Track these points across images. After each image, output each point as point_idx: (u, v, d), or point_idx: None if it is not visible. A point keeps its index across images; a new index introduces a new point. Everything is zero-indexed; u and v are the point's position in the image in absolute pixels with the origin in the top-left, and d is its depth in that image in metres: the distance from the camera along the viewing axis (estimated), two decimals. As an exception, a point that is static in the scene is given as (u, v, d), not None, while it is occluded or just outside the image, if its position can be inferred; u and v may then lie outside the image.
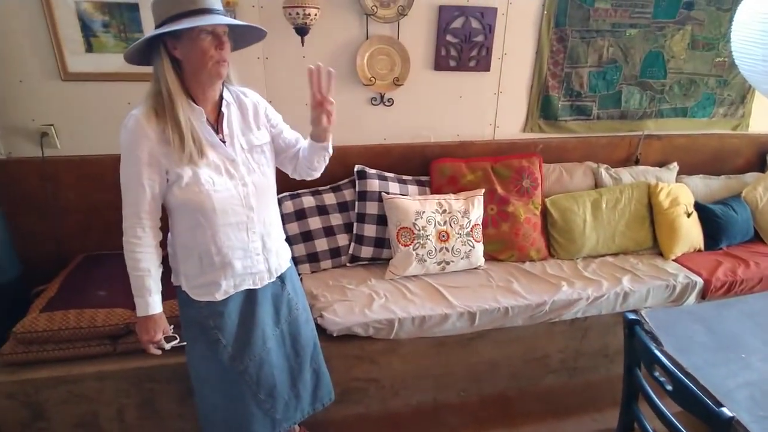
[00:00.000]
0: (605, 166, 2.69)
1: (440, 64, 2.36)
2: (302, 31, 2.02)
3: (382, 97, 2.37)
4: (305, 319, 1.63)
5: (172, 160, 1.26)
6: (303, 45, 2.09)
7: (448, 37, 2.31)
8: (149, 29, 1.98)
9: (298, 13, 1.94)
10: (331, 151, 1.48)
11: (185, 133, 1.23)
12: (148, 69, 1.28)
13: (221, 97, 1.35)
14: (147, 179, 1.26)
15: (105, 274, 2.04)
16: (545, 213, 2.49)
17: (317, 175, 1.55)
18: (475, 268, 2.29)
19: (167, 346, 1.42)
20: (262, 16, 2.09)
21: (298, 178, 1.58)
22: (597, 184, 2.65)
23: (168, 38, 1.21)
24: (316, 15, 1.98)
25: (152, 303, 1.35)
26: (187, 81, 1.27)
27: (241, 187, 1.35)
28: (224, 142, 1.33)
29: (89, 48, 2.00)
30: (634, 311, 1.49)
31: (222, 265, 1.37)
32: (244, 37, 1.38)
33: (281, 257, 1.52)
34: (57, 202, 2.17)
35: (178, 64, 1.25)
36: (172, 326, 1.44)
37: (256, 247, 1.41)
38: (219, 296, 1.40)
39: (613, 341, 2.28)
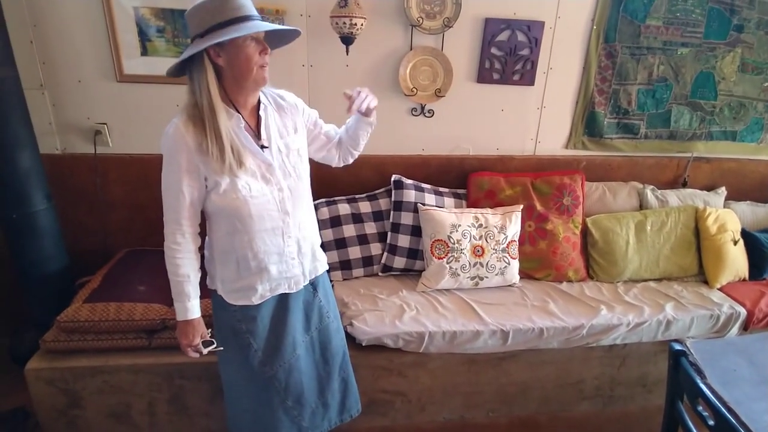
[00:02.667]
0: (651, 187, 2.58)
1: (483, 76, 2.33)
2: (348, 40, 2.05)
3: (422, 107, 2.37)
4: (336, 327, 1.62)
5: (210, 168, 1.26)
6: (347, 54, 2.11)
7: (493, 50, 2.29)
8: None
9: (345, 23, 1.96)
10: (375, 123, 1.54)
11: (225, 146, 1.23)
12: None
13: (259, 101, 1.36)
14: (186, 186, 1.27)
15: (145, 269, 2.10)
16: (586, 233, 2.41)
17: (358, 154, 1.63)
18: (510, 286, 2.24)
19: (205, 351, 1.43)
20: (309, 24, 2.13)
21: (342, 164, 1.64)
22: (642, 206, 2.55)
23: (211, 47, 1.21)
24: (362, 25, 2.00)
25: (191, 308, 1.37)
26: (228, 88, 1.28)
27: (277, 192, 1.35)
28: (263, 147, 1.33)
29: (144, 51, 2.08)
30: (678, 341, 1.44)
31: (258, 269, 1.38)
32: (279, 39, 1.39)
33: (317, 260, 1.52)
34: (105, 198, 2.26)
35: (218, 72, 1.25)
36: (210, 330, 1.45)
37: (291, 251, 1.41)
38: (255, 300, 1.41)
39: (653, 371, 2.17)
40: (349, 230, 2.24)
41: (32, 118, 1.94)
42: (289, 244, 1.40)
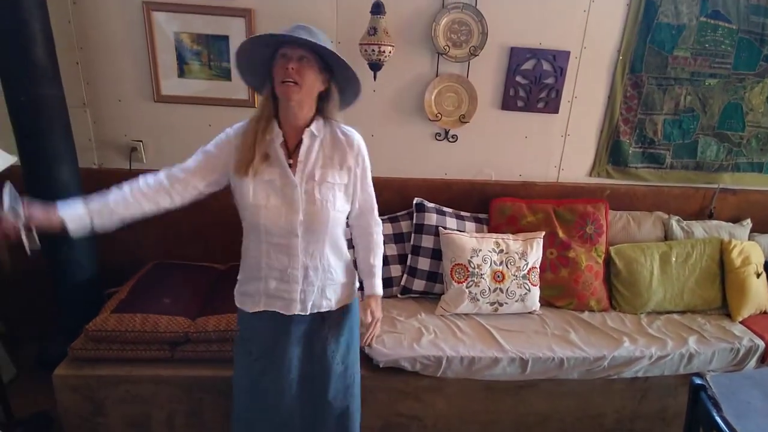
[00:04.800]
0: (676, 217, 2.55)
1: (508, 103, 2.36)
2: (376, 66, 2.11)
3: (446, 132, 2.40)
4: (340, 373, 1.54)
5: (233, 163, 1.34)
6: (375, 80, 2.17)
7: (518, 78, 2.32)
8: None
9: (373, 50, 2.03)
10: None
11: (248, 143, 1.31)
12: (227, 94, 1.36)
13: (309, 126, 1.36)
14: (205, 158, 1.36)
15: (171, 282, 2.16)
16: (609, 262, 2.38)
17: None
18: (530, 313, 2.22)
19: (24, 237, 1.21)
20: (338, 51, 2.19)
21: None
22: (667, 236, 2.51)
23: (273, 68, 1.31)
24: (390, 52, 2.06)
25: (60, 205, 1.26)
26: (279, 107, 1.35)
27: (292, 213, 1.34)
28: (292, 167, 1.35)
29: (181, 73, 2.18)
30: (699, 375, 1.45)
31: (259, 279, 1.42)
32: (346, 83, 1.38)
33: (328, 298, 1.46)
34: (136, 212, 2.34)
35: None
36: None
37: (295, 275, 1.39)
38: (249, 308, 1.46)
39: (673, 404, 2.12)
40: (370, 251, 2.26)
41: (74, 134, 2.05)
42: (293, 266, 1.38)
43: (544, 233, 2.30)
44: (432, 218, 2.28)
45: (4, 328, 2.39)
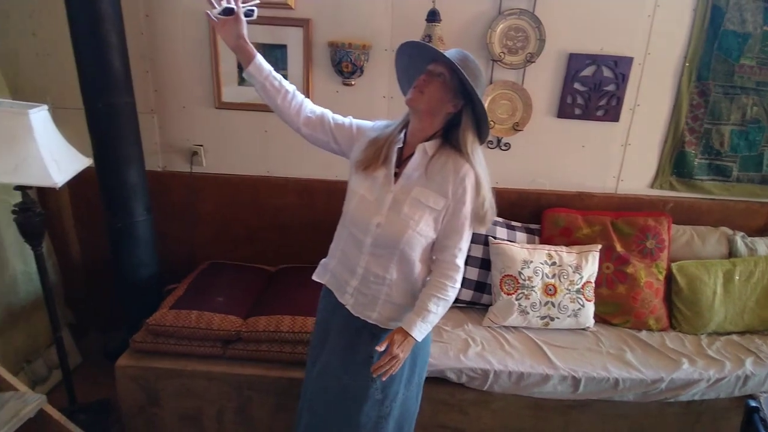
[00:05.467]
0: (741, 234, 2.38)
1: (564, 111, 2.29)
2: (429, 74, 2.10)
3: (499, 140, 2.36)
4: (377, 400, 1.44)
5: (359, 160, 1.40)
6: (427, 87, 2.17)
7: (576, 85, 2.25)
8: (294, 66, 2.23)
9: (427, 58, 2.03)
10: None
11: (373, 143, 1.38)
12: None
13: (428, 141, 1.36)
14: (347, 127, 1.44)
15: (225, 282, 2.24)
16: (670, 279, 2.25)
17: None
18: (583, 329, 2.13)
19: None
20: (390, 58, 2.22)
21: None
22: (731, 254, 2.35)
23: None
24: (444, 60, 2.06)
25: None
26: (411, 117, 1.41)
27: (374, 212, 1.36)
28: (396, 175, 1.37)
29: (241, 81, 2.27)
30: (752, 397, 1.38)
31: (333, 257, 1.50)
32: (480, 121, 1.35)
33: (378, 311, 1.41)
34: (195, 213, 2.46)
35: None
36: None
37: (356, 270, 1.41)
38: (318, 277, 1.54)
39: (725, 427, 2.00)
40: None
41: (142, 138, 2.17)
42: (358, 262, 1.40)
43: (600, 246, 2.20)
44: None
45: (73, 317, 2.56)
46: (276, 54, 2.23)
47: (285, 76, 2.24)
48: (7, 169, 1.61)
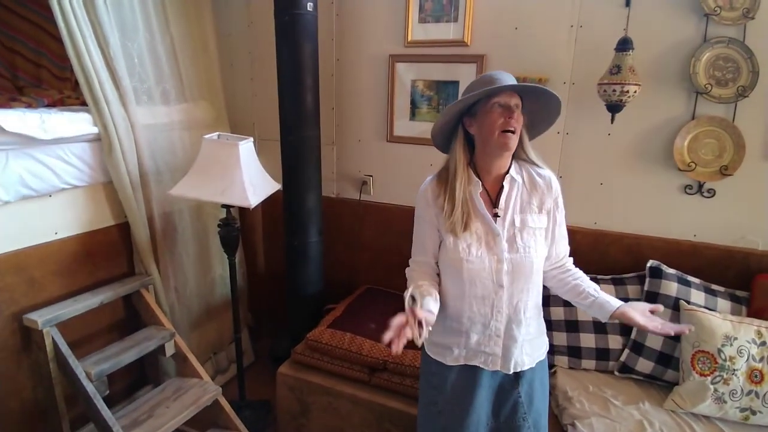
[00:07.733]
0: None
1: (796, 155, 1.82)
2: (615, 108, 1.89)
3: (700, 185, 1.98)
4: None
5: (441, 224, 1.35)
6: (612, 122, 1.95)
7: (815, 123, 1.78)
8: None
9: (614, 90, 1.82)
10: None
11: (456, 205, 1.31)
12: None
13: (508, 172, 1.35)
14: (429, 237, 1.39)
15: (379, 308, 2.30)
16: None
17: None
18: (812, 438, 1.61)
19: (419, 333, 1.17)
20: (571, 92, 2.06)
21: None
22: None
23: (467, 117, 1.33)
24: (635, 92, 1.83)
25: (407, 296, 1.23)
26: (477, 155, 1.35)
27: (495, 262, 1.31)
28: (496, 215, 1.32)
29: (412, 116, 2.36)
30: None
31: (459, 332, 1.36)
32: (542, 116, 1.37)
33: (527, 354, 1.37)
34: (358, 238, 2.60)
35: (470, 141, 1.35)
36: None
37: (498, 327, 1.34)
38: (449, 361, 1.39)
39: None
40: (584, 312, 2.00)
41: (322, 167, 2.40)
42: (497, 319, 1.33)
43: None
44: (671, 287, 1.88)
45: (252, 321, 2.92)
46: (448, 90, 2.27)
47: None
48: (217, 191, 1.93)
